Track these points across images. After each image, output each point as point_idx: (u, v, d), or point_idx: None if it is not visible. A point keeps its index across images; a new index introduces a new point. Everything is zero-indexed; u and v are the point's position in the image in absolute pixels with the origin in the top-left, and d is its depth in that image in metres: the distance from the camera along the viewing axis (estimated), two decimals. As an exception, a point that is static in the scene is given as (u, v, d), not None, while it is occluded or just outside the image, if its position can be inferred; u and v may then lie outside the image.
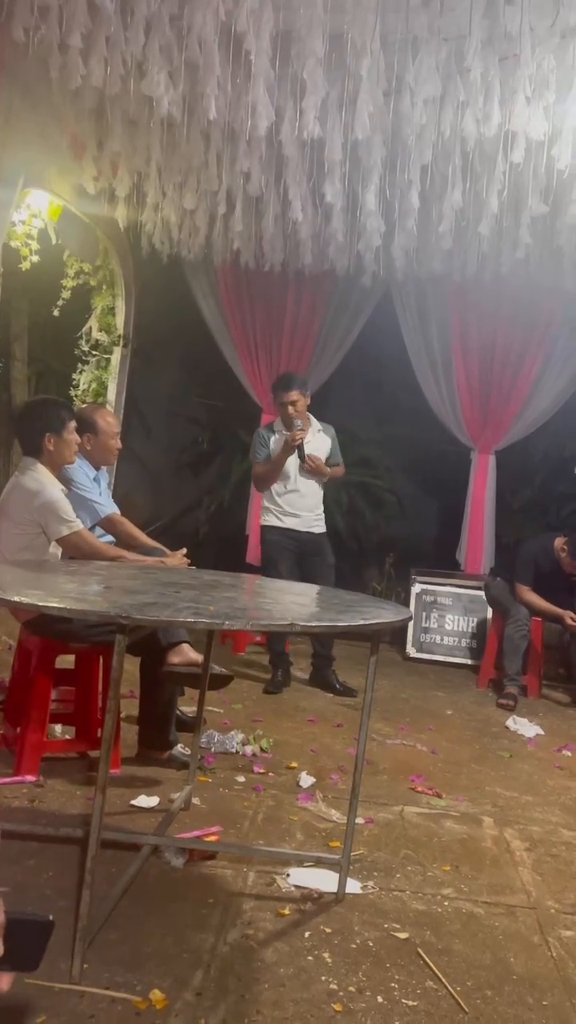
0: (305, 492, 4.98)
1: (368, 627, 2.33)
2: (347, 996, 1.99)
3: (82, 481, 3.82)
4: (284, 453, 4.85)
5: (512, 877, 2.77)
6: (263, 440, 5.04)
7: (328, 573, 4.95)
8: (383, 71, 3.23)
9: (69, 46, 3.15)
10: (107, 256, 6.29)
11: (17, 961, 0.92)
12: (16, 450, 6.56)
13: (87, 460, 3.88)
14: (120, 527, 3.88)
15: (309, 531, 5.00)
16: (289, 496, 4.97)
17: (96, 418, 3.94)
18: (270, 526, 5.00)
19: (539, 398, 6.47)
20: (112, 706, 2.01)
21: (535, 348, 6.35)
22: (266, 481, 5.00)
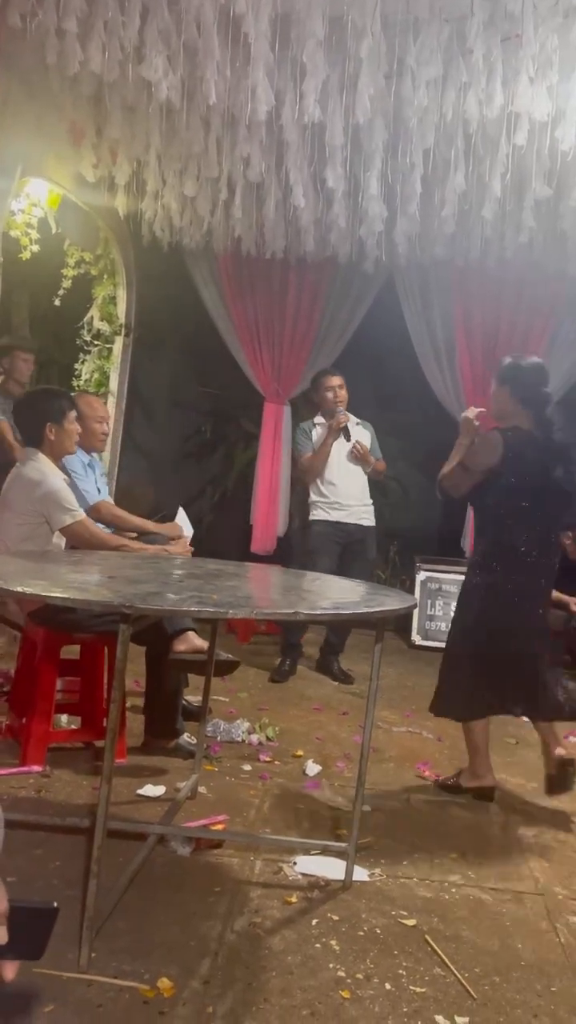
0: (351, 481, 5.00)
1: (373, 615, 2.32)
2: (355, 983, 1.99)
3: (75, 468, 3.82)
4: (330, 437, 4.91)
5: (519, 864, 2.77)
6: (306, 433, 5.10)
7: (364, 567, 4.97)
8: (384, 53, 3.19)
9: (66, 31, 3.12)
10: (108, 245, 6.25)
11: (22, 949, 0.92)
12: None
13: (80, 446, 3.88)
14: (106, 513, 3.86)
15: (358, 523, 5.01)
16: (335, 487, 4.98)
17: (79, 403, 3.86)
18: (319, 520, 4.99)
19: (543, 384, 6.42)
20: (117, 696, 2.01)
21: (539, 333, 6.30)
22: (313, 471, 5.01)
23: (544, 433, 3.23)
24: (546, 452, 3.19)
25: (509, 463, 3.15)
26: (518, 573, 3.20)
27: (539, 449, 3.19)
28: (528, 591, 3.23)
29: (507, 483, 3.18)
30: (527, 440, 3.19)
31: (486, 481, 3.21)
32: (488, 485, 3.22)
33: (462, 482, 3.27)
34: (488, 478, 3.20)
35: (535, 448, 3.19)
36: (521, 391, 3.27)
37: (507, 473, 3.17)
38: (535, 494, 3.17)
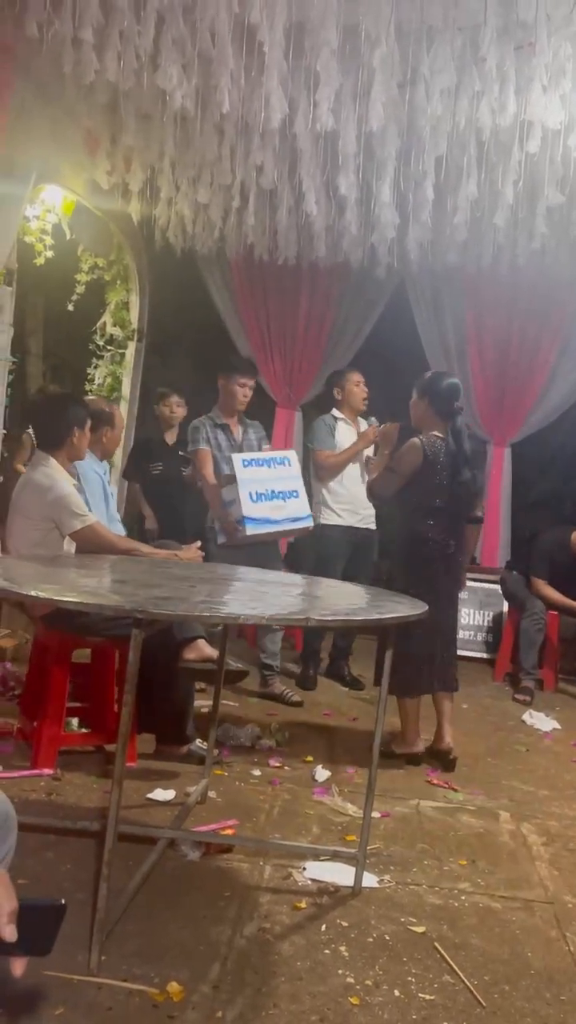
0: (360, 484, 4.90)
1: (386, 622, 2.33)
2: (364, 990, 1.99)
3: (90, 476, 3.79)
4: (362, 443, 4.85)
5: (529, 872, 2.76)
6: (330, 429, 4.96)
7: (368, 571, 4.97)
8: (397, 62, 3.20)
9: (82, 40, 3.14)
10: (121, 251, 6.29)
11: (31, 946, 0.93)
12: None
13: (95, 453, 3.89)
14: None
15: (367, 527, 4.98)
16: (348, 490, 4.90)
17: (114, 412, 4.07)
18: (331, 524, 4.88)
19: (555, 390, 6.41)
20: (128, 700, 2.02)
21: (551, 340, 6.30)
22: (334, 471, 4.89)
23: (456, 441, 3.71)
24: (456, 457, 3.70)
25: (427, 466, 3.65)
26: (441, 562, 3.69)
27: (450, 454, 3.69)
28: (449, 579, 3.77)
29: (426, 484, 3.66)
30: (441, 447, 3.69)
31: (409, 483, 3.69)
32: (410, 486, 3.69)
33: (391, 484, 3.77)
34: (411, 480, 3.68)
35: (447, 454, 3.69)
36: (438, 404, 3.75)
37: (426, 475, 3.66)
38: (448, 493, 3.68)
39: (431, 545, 3.65)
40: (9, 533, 3.46)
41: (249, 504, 4.11)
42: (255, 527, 4.13)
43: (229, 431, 4.56)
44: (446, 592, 3.73)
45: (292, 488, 4.28)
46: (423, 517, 3.67)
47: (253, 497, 4.13)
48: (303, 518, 4.34)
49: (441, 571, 3.68)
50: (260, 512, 4.14)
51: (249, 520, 4.12)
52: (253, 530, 4.12)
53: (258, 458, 4.28)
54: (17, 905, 0.90)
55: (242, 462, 4.19)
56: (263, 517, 4.15)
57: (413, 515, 3.71)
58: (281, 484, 4.24)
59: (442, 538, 3.66)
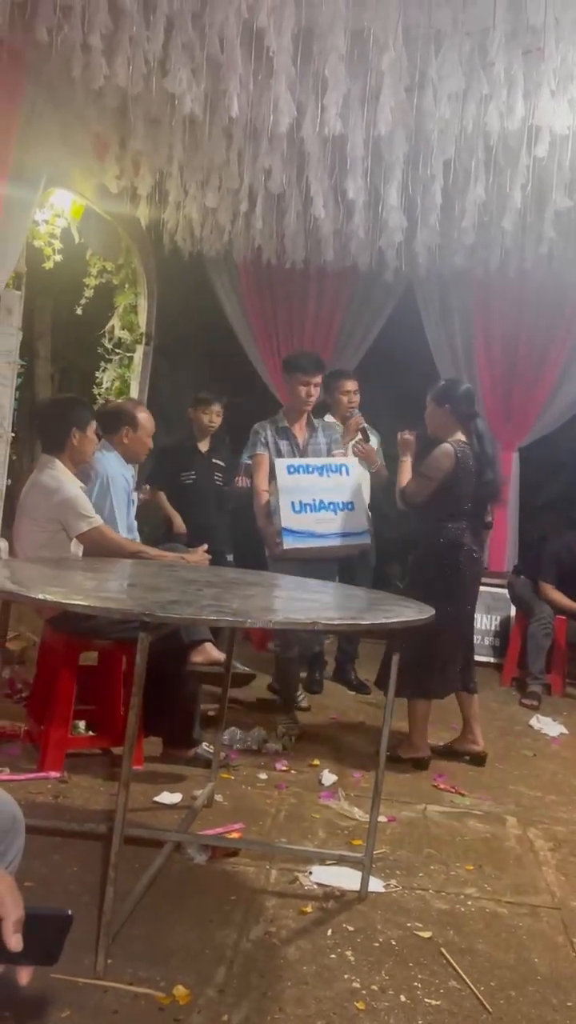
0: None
1: (392, 626, 2.33)
2: (370, 995, 1.99)
3: (116, 479, 3.75)
4: (346, 438, 4.72)
5: (536, 877, 2.76)
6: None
7: (366, 575, 4.89)
8: (405, 66, 3.21)
9: (91, 46, 3.16)
10: (129, 255, 6.31)
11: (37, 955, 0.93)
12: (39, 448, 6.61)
13: (121, 455, 3.84)
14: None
15: None
16: None
17: (137, 413, 3.91)
18: None
19: (563, 394, 6.40)
20: (135, 703, 2.02)
21: (559, 344, 6.29)
22: None
23: (480, 444, 3.76)
24: (480, 460, 3.74)
25: (459, 471, 3.67)
26: (469, 567, 3.72)
27: (475, 458, 3.73)
28: (475, 584, 3.84)
29: (457, 489, 3.68)
30: (468, 451, 3.72)
31: (439, 488, 3.68)
32: (441, 492, 3.68)
33: (424, 490, 3.71)
34: (442, 485, 3.67)
35: (474, 457, 3.72)
36: (460, 409, 3.78)
37: (457, 480, 3.66)
38: (474, 497, 3.73)
39: (464, 551, 3.69)
40: (16, 535, 3.48)
41: (290, 515, 3.76)
42: (295, 540, 3.76)
43: (291, 435, 4.20)
44: (472, 596, 3.81)
45: (346, 499, 3.87)
46: (455, 522, 3.70)
47: (296, 507, 3.77)
48: (357, 534, 3.90)
49: (469, 576, 3.73)
50: (302, 524, 3.76)
51: (288, 532, 3.76)
52: (292, 544, 3.76)
53: (308, 464, 3.90)
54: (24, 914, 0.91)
55: (286, 468, 3.84)
56: (305, 530, 3.76)
57: (445, 521, 3.70)
58: (333, 494, 3.84)
59: (471, 542, 3.72)
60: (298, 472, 3.85)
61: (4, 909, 0.90)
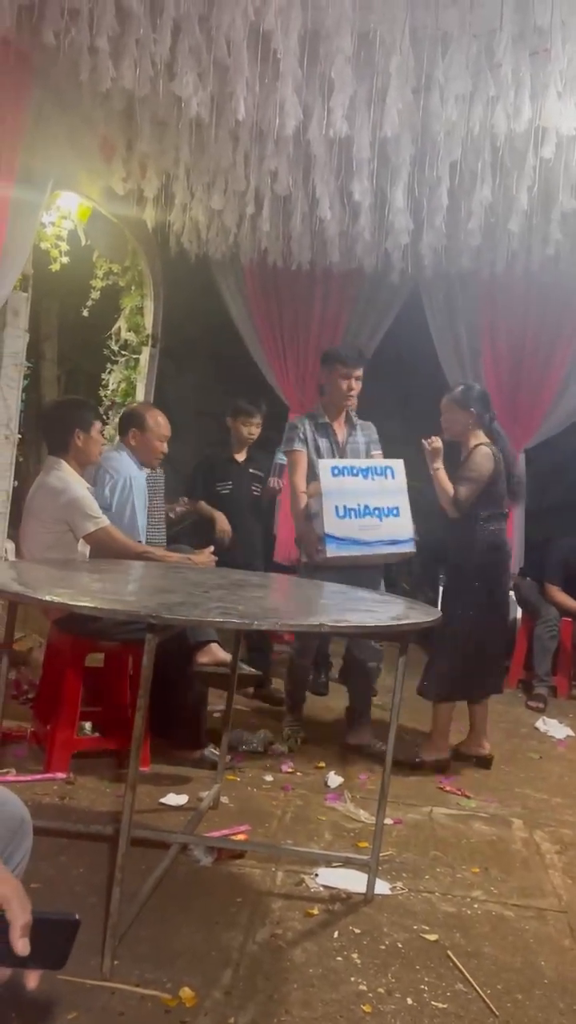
0: None
1: (398, 628, 2.32)
2: (376, 997, 1.99)
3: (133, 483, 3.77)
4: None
5: (542, 880, 2.75)
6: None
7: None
8: (412, 68, 3.20)
9: (98, 48, 3.16)
10: (136, 257, 6.31)
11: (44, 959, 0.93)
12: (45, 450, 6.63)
13: (134, 457, 3.87)
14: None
15: None
16: None
17: (146, 415, 3.93)
18: None
19: (569, 396, 6.38)
20: (142, 704, 2.02)
21: (565, 345, 6.28)
22: None
23: (499, 446, 3.80)
24: (502, 462, 3.78)
25: (496, 472, 3.71)
26: (503, 571, 3.81)
27: (500, 460, 3.77)
28: (505, 586, 3.91)
29: (494, 490, 3.71)
30: (496, 452, 3.75)
31: (481, 490, 3.69)
32: (482, 494, 3.69)
33: (473, 494, 3.68)
34: (482, 487, 3.69)
35: (500, 459, 3.77)
36: (483, 411, 3.80)
37: (495, 481, 3.71)
38: (503, 498, 3.79)
39: (503, 552, 3.78)
40: (23, 537, 3.48)
41: (334, 520, 3.52)
42: (338, 548, 3.53)
43: (331, 432, 3.95)
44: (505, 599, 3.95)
45: (392, 504, 3.64)
46: (495, 524, 3.73)
47: (340, 512, 3.53)
48: (403, 541, 3.67)
49: (506, 578, 3.86)
50: (346, 530, 3.53)
51: (331, 539, 3.53)
52: (335, 551, 3.52)
53: (353, 466, 3.66)
54: (31, 918, 0.91)
55: (331, 470, 3.60)
56: (349, 537, 3.54)
57: (486, 523, 3.71)
58: (379, 499, 3.61)
59: (506, 543, 3.82)
60: (343, 474, 3.61)
61: (11, 914, 0.90)
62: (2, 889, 0.91)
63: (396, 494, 3.67)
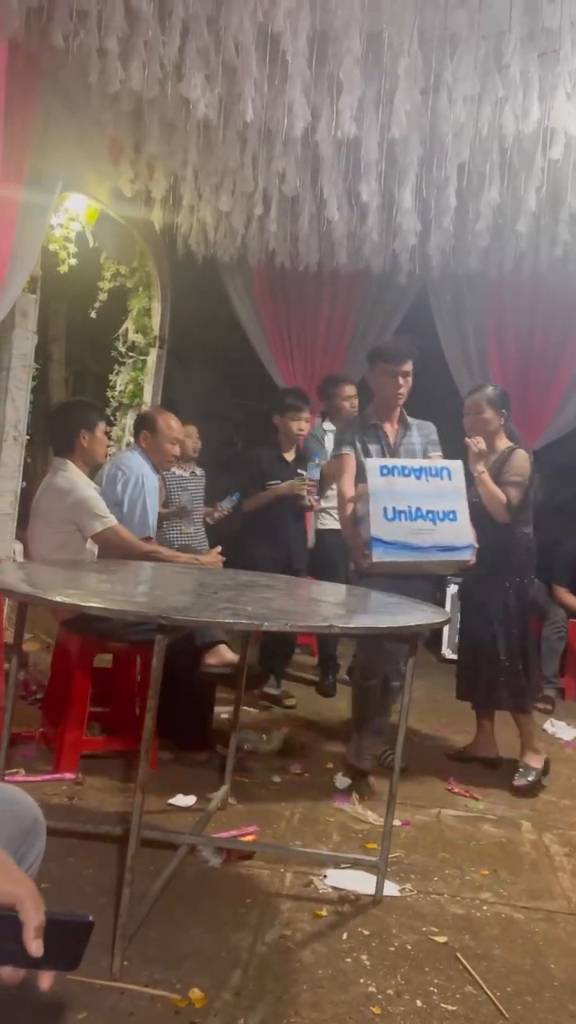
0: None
1: (407, 629, 2.32)
2: (386, 999, 1.98)
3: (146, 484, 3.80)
4: None
5: (551, 882, 2.74)
6: (319, 441, 4.94)
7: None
8: (420, 69, 3.20)
9: (107, 50, 3.17)
10: (143, 258, 6.33)
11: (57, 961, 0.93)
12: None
13: (146, 459, 3.91)
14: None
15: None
16: None
17: (157, 418, 3.99)
18: (331, 529, 4.72)
19: (577, 397, 6.38)
20: (152, 705, 2.02)
21: (573, 347, 6.27)
22: (329, 479, 4.64)
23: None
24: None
25: (534, 475, 3.67)
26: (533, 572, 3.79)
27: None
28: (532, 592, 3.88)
29: (531, 494, 3.66)
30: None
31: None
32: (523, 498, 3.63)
33: (522, 499, 3.61)
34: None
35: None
36: (508, 414, 3.77)
37: (532, 485, 3.66)
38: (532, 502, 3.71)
39: (535, 555, 3.77)
40: (31, 537, 3.49)
41: (382, 523, 3.25)
42: (386, 552, 3.24)
43: (381, 433, 3.68)
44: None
45: (448, 508, 3.33)
46: (530, 527, 3.69)
47: (388, 514, 3.26)
48: (460, 548, 3.33)
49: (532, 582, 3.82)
50: (395, 534, 3.25)
51: (378, 543, 3.24)
52: (382, 556, 3.24)
53: (404, 466, 3.38)
54: (45, 919, 0.90)
55: (379, 469, 3.33)
56: (398, 541, 3.25)
57: (524, 527, 3.66)
58: (433, 502, 3.31)
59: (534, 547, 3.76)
60: (392, 474, 3.34)
61: (25, 914, 0.89)
62: (16, 889, 0.91)
63: (453, 497, 3.37)
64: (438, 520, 3.30)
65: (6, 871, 0.94)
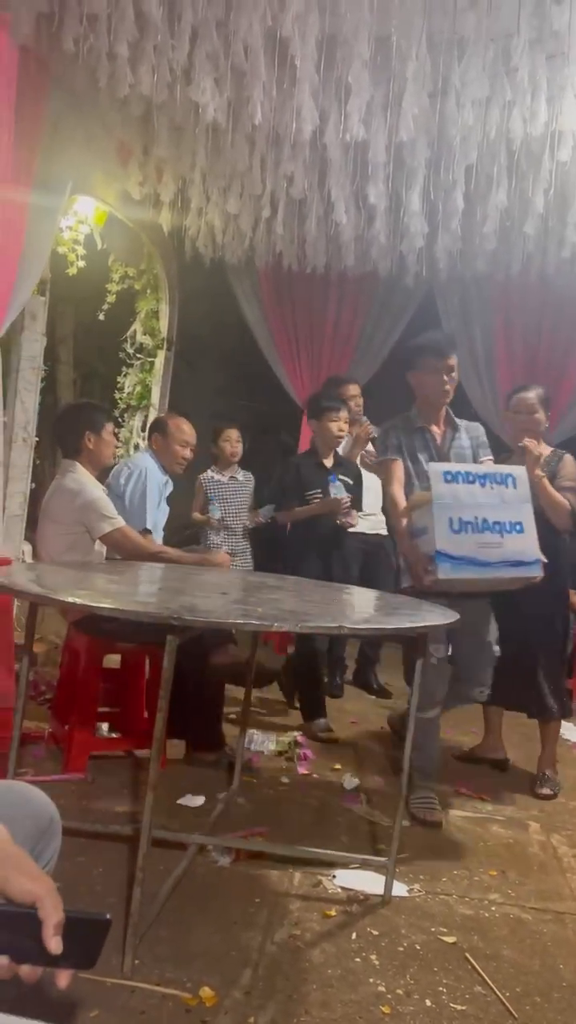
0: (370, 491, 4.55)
1: (417, 630, 2.33)
2: (395, 999, 1.99)
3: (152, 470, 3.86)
4: (358, 448, 4.71)
5: (560, 883, 2.74)
6: None
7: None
8: (429, 73, 3.21)
9: (117, 55, 3.19)
10: (151, 260, 6.36)
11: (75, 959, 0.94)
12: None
13: (157, 461, 3.98)
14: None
15: (376, 533, 4.67)
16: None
17: (168, 421, 4.09)
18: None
19: (584, 399, 6.37)
20: (163, 705, 2.04)
21: (581, 348, 6.26)
22: None
23: None
24: None
25: None
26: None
27: None
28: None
29: None
30: None
31: None
32: None
33: None
34: None
35: None
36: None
37: None
38: None
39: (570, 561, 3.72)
40: (40, 539, 3.51)
41: (448, 535, 2.92)
42: (453, 569, 2.91)
43: (428, 435, 3.40)
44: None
45: (515, 519, 3.01)
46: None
47: (454, 525, 2.93)
48: (528, 563, 3.02)
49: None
50: (462, 548, 2.92)
51: (443, 557, 2.90)
52: (448, 573, 2.91)
53: (468, 471, 3.05)
54: (64, 917, 0.91)
55: (443, 475, 3.00)
56: (466, 556, 2.93)
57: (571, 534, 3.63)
58: (499, 512, 2.99)
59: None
60: (456, 480, 3.00)
61: (44, 912, 0.90)
62: (35, 887, 0.92)
63: (519, 506, 3.05)
64: (505, 532, 2.99)
65: (25, 869, 0.94)
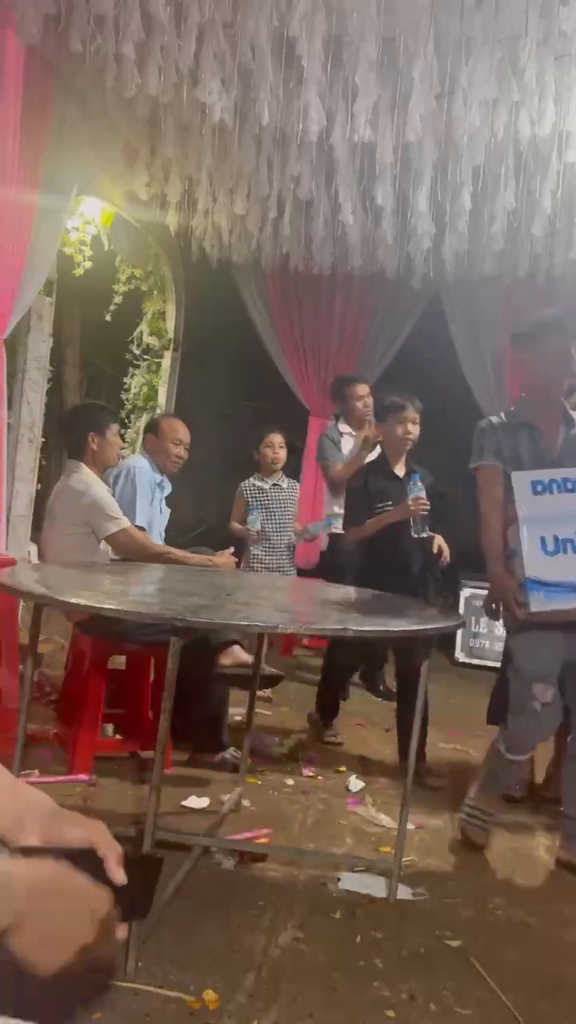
0: None
1: (422, 633, 2.32)
2: (400, 1003, 1.98)
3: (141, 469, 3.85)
4: (365, 451, 4.44)
5: (565, 887, 2.73)
6: (335, 444, 4.88)
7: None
8: (436, 74, 3.21)
9: (124, 56, 3.20)
10: (158, 261, 6.36)
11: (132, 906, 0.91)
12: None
13: (153, 462, 3.96)
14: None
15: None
16: None
17: (161, 421, 4.09)
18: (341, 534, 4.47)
19: (592, 400, 6.35)
20: (167, 707, 2.03)
21: (588, 349, 6.24)
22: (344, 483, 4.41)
23: None
24: None
25: None
26: None
27: None
28: None
29: None
30: None
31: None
32: None
33: None
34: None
35: None
36: None
37: None
38: None
39: None
40: (45, 540, 3.52)
41: (539, 557, 2.51)
42: (548, 598, 2.50)
43: (537, 434, 2.84)
44: None
45: None
46: None
47: (548, 546, 2.51)
48: None
49: None
50: (557, 572, 2.50)
51: (535, 585, 2.51)
52: (542, 604, 2.51)
53: (567, 478, 2.56)
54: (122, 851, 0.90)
55: (531, 485, 2.57)
56: (563, 582, 2.49)
57: None
58: None
59: None
60: (549, 490, 2.56)
61: (103, 849, 0.88)
62: (87, 831, 0.90)
63: None
64: None
65: (68, 818, 0.94)
